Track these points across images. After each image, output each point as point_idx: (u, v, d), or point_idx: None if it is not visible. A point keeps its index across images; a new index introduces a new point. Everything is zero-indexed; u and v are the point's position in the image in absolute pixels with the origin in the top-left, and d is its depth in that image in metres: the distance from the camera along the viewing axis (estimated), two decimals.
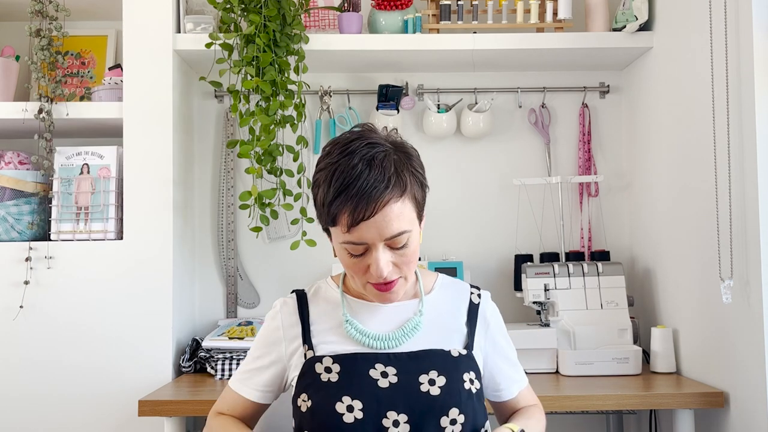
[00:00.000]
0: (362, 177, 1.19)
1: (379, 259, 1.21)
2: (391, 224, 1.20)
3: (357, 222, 1.18)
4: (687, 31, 2.02)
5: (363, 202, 1.18)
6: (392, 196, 1.19)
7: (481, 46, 2.26)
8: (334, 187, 1.20)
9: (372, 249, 1.21)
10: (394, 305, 1.34)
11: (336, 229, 1.23)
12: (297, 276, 2.47)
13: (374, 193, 1.18)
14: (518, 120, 2.53)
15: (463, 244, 2.49)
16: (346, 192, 1.18)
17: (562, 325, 2.15)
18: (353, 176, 1.19)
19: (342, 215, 1.19)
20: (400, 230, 1.21)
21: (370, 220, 1.18)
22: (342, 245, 1.23)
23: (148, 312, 2.13)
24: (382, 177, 1.19)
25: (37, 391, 2.10)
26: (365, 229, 1.19)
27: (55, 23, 2.15)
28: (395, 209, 1.20)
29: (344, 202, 1.19)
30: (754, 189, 1.68)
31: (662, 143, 2.21)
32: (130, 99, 2.17)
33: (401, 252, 1.23)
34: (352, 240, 1.21)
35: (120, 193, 2.19)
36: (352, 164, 1.20)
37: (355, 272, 1.26)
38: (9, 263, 2.12)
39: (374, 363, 1.26)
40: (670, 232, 2.15)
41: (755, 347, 1.70)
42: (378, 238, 1.20)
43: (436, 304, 1.37)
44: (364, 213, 1.18)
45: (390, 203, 1.19)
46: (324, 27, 2.39)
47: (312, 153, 2.49)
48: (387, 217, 1.19)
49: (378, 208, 1.18)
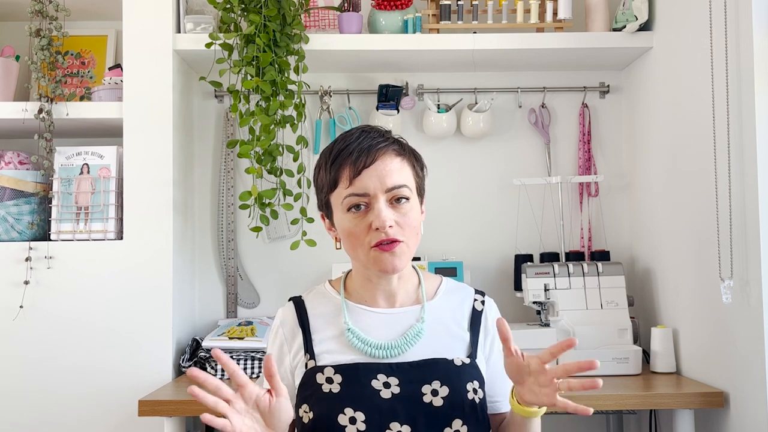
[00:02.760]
0: (363, 136, 1.27)
1: (381, 209, 1.23)
2: (392, 174, 1.24)
3: (359, 171, 1.23)
4: (687, 31, 2.02)
5: (363, 152, 1.24)
6: (391, 149, 1.26)
7: (481, 46, 2.26)
8: (334, 152, 1.26)
9: (374, 202, 1.24)
10: (396, 312, 1.32)
11: (338, 190, 1.26)
12: (297, 276, 2.47)
13: (374, 144, 1.25)
14: (518, 120, 2.53)
15: (463, 244, 2.49)
16: (345, 149, 1.25)
17: (562, 325, 2.15)
18: (353, 138, 1.27)
19: (344, 169, 1.24)
20: (401, 182, 1.25)
21: (371, 168, 1.23)
22: (344, 204, 1.25)
23: (148, 312, 2.13)
24: (380, 136, 1.28)
25: (37, 391, 2.10)
26: (366, 177, 1.23)
27: (55, 23, 2.15)
28: (396, 162, 1.26)
29: (345, 158, 1.25)
30: (754, 189, 1.68)
31: (662, 143, 2.21)
32: (130, 99, 2.17)
33: (402, 211, 1.25)
34: (355, 191, 1.23)
35: (120, 193, 2.19)
36: (350, 133, 1.29)
37: (358, 235, 1.25)
38: (9, 263, 2.12)
39: (376, 373, 1.24)
40: (670, 232, 2.15)
41: (755, 347, 1.70)
42: (380, 188, 1.23)
43: (438, 310, 1.34)
44: (365, 161, 1.23)
45: (390, 154, 1.26)
46: (324, 27, 2.39)
47: (312, 153, 2.49)
48: (387, 167, 1.24)
49: (378, 156, 1.24)
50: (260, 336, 2.18)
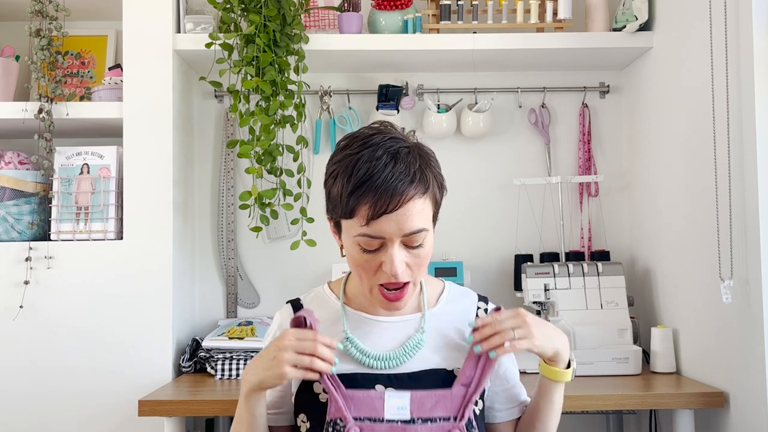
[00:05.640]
0: (387, 169, 1.14)
1: (394, 256, 1.16)
2: (413, 220, 1.16)
3: (378, 215, 1.14)
4: (687, 31, 2.02)
5: (387, 195, 1.13)
6: (416, 192, 1.16)
7: (481, 46, 2.26)
8: (356, 177, 1.15)
9: (388, 245, 1.17)
10: (396, 320, 1.29)
11: (352, 222, 1.18)
12: (297, 276, 2.48)
13: (399, 186, 1.14)
14: (518, 120, 2.53)
15: (463, 244, 2.49)
16: (369, 182, 1.14)
17: (562, 325, 2.15)
18: (378, 168, 1.14)
19: (362, 207, 1.15)
20: (420, 227, 1.17)
21: (391, 214, 1.14)
22: (356, 239, 1.18)
23: (148, 312, 2.13)
24: (407, 171, 1.15)
25: (37, 391, 2.10)
26: (385, 222, 1.15)
27: (55, 23, 2.15)
28: (418, 205, 1.16)
29: (366, 193, 1.14)
30: (754, 189, 1.68)
31: (662, 143, 2.21)
32: (130, 99, 2.17)
33: (416, 252, 1.19)
34: (370, 233, 1.16)
35: (120, 193, 2.19)
36: (376, 156, 1.16)
37: (364, 271, 1.20)
38: (9, 263, 2.12)
39: (374, 384, 1.22)
40: (670, 232, 2.15)
41: (755, 347, 1.70)
42: (397, 234, 1.16)
43: (439, 319, 1.31)
44: (387, 206, 1.13)
45: (414, 199, 1.16)
46: (324, 27, 2.39)
47: (312, 153, 2.49)
48: (409, 213, 1.15)
49: (402, 203, 1.14)
50: (260, 336, 2.18)
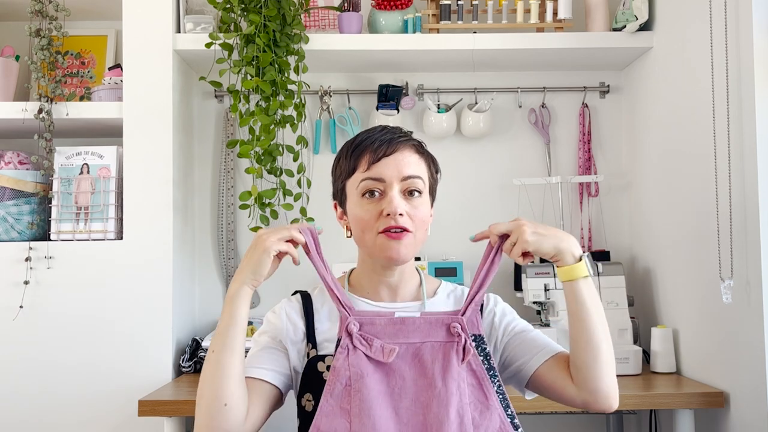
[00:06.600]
0: (384, 130, 1.33)
1: (394, 196, 1.27)
2: (410, 165, 1.30)
3: (378, 158, 1.28)
4: (687, 31, 2.02)
5: (384, 144, 1.30)
6: (411, 146, 1.32)
7: (481, 46, 2.26)
8: (356, 142, 1.33)
9: (388, 190, 1.28)
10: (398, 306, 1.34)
11: (355, 176, 1.30)
12: (297, 276, 2.45)
13: (395, 138, 1.31)
14: (518, 120, 2.53)
15: (463, 244, 2.44)
16: (367, 140, 1.31)
17: (562, 325, 2.15)
18: (375, 131, 1.33)
19: (363, 156, 1.30)
20: (417, 173, 1.30)
21: (390, 157, 1.29)
22: (360, 187, 1.29)
23: (148, 312, 2.13)
24: (402, 132, 1.34)
25: (36, 391, 2.10)
26: (384, 165, 1.28)
27: (55, 23, 2.15)
28: (414, 157, 1.32)
29: (366, 147, 1.30)
30: (754, 189, 1.68)
31: (662, 143, 2.21)
32: (130, 99, 2.17)
33: (414, 204, 1.29)
34: (371, 176, 1.28)
35: (120, 193, 2.19)
36: (372, 128, 1.35)
37: (368, 221, 1.28)
38: (9, 263, 2.12)
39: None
40: (670, 232, 2.15)
41: (755, 347, 1.70)
42: (396, 176, 1.28)
43: (438, 307, 1.37)
44: (385, 150, 1.29)
45: (409, 149, 1.31)
46: (324, 27, 2.39)
47: (312, 153, 2.49)
48: (405, 158, 1.30)
49: (398, 148, 1.30)
50: None
